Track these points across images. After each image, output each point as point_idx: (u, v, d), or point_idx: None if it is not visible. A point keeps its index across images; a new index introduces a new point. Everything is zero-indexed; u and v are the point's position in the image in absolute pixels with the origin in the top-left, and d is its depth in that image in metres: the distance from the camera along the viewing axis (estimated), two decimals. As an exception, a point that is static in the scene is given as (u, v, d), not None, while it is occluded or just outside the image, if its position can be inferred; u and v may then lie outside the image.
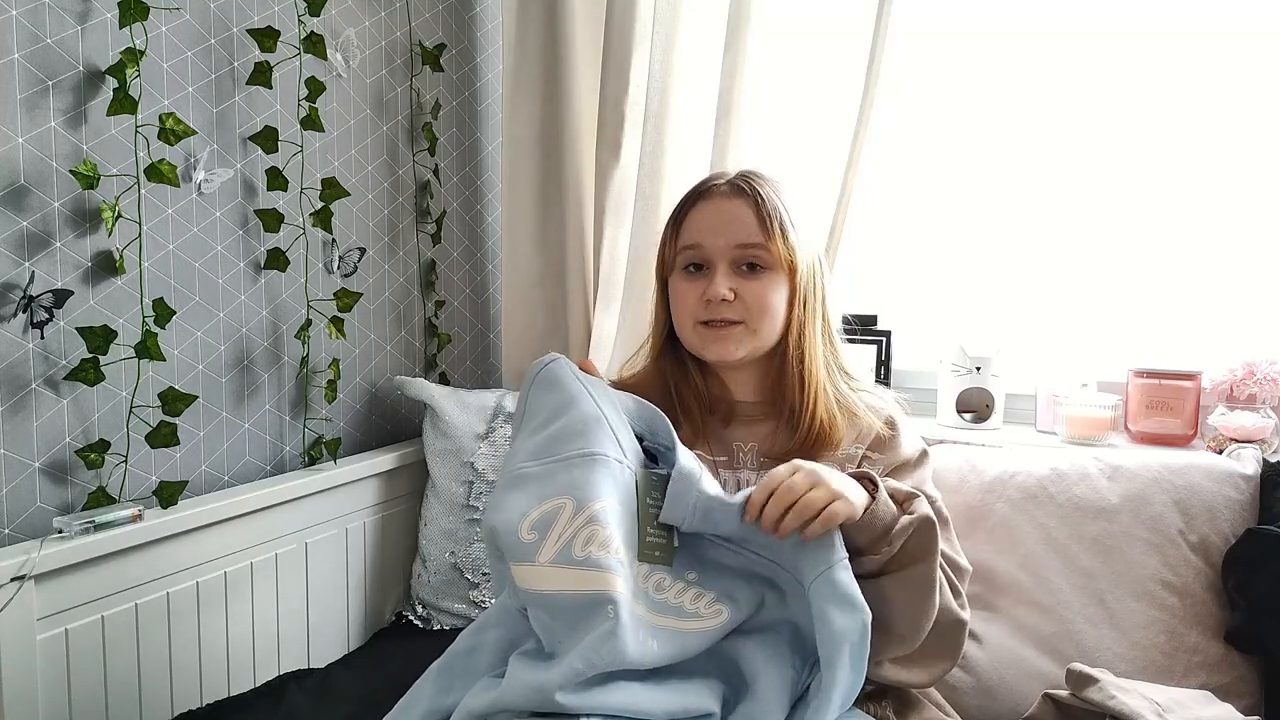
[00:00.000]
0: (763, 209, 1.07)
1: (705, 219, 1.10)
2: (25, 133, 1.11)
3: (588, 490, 0.88)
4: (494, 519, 0.88)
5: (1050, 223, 1.70)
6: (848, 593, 0.86)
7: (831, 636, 0.84)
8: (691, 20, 1.65)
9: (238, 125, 1.39)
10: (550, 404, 0.95)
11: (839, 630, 0.84)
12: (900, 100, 1.65)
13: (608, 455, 0.91)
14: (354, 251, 1.62)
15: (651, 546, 0.91)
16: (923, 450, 1.13)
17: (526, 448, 0.93)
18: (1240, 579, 1.19)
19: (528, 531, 0.86)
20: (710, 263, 1.08)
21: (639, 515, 0.91)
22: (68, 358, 1.17)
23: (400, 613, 1.64)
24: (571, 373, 0.97)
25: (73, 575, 1.10)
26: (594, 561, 0.85)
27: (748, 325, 1.08)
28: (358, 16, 1.62)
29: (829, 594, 0.86)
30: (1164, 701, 1.00)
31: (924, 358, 1.77)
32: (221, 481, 1.40)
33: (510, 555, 0.87)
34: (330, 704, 1.28)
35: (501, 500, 0.89)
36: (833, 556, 0.88)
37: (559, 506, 0.87)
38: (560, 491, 0.88)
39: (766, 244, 1.06)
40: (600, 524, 0.86)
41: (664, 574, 0.91)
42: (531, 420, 0.96)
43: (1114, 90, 1.64)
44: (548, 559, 0.85)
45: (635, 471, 0.93)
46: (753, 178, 1.11)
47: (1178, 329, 1.62)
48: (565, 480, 0.89)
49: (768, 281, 1.08)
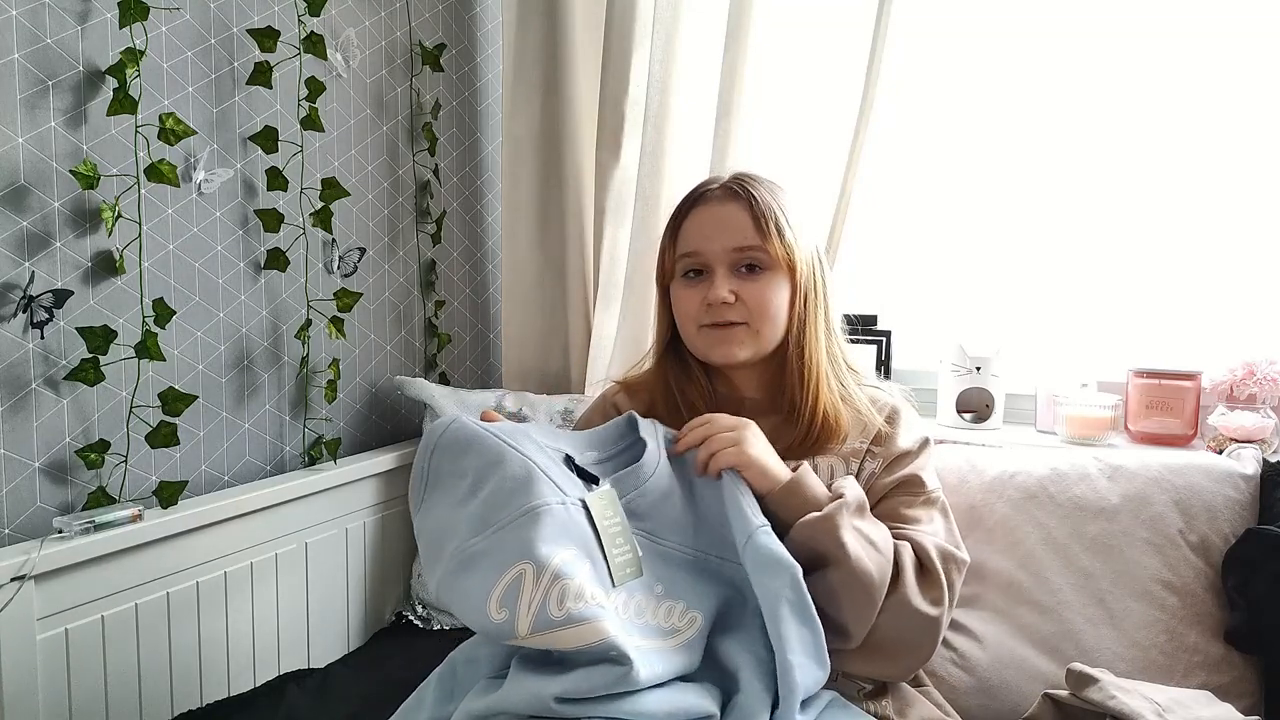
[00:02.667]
0: (757, 209, 1.08)
1: (701, 225, 1.11)
2: (25, 133, 1.11)
3: (541, 548, 0.83)
4: (460, 608, 0.84)
5: (1050, 223, 1.70)
6: (770, 552, 0.90)
7: (766, 597, 0.88)
8: (691, 20, 1.65)
9: (238, 125, 1.39)
10: (471, 467, 0.90)
11: (772, 590, 0.88)
12: (900, 100, 1.65)
13: (549, 503, 0.87)
14: (354, 251, 1.62)
15: (621, 566, 0.90)
16: (924, 440, 1.13)
17: (463, 523, 0.87)
18: (1240, 579, 1.19)
19: (497, 610, 0.82)
20: (709, 267, 1.09)
21: (599, 541, 0.89)
22: (68, 358, 1.17)
23: (400, 613, 1.64)
24: (480, 429, 0.92)
25: (73, 575, 1.10)
26: (576, 616, 0.82)
27: (750, 326, 1.08)
28: (358, 16, 1.62)
29: (754, 560, 0.90)
30: (1164, 701, 1.00)
31: (924, 358, 1.77)
32: (221, 481, 1.40)
33: (490, 637, 0.85)
34: (330, 704, 1.28)
35: (458, 585, 0.84)
36: (750, 525, 0.92)
37: (519, 574, 0.83)
38: (515, 558, 0.83)
39: (763, 245, 1.07)
40: (566, 577, 0.83)
41: (640, 595, 0.90)
42: (454, 489, 0.90)
43: (1114, 90, 1.64)
44: (527, 629, 0.81)
45: (581, 501, 0.91)
46: (746, 180, 1.11)
47: (1178, 329, 1.62)
48: (516, 545, 0.84)
49: (767, 281, 1.08)
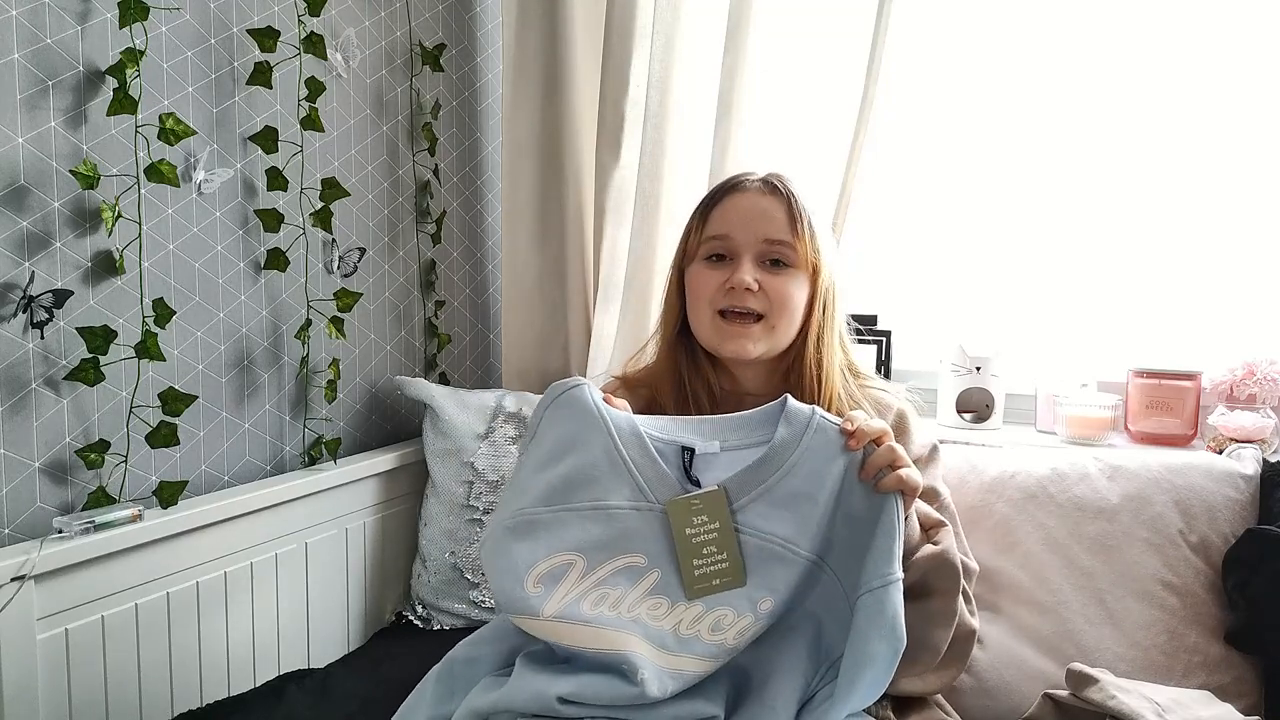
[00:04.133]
0: (794, 208, 1.09)
1: (736, 211, 1.11)
2: (25, 133, 1.11)
3: (599, 551, 0.84)
4: (496, 566, 0.84)
5: (1050, 223, 1.70)
6: (894, 617, 0.81)
7: (863, 657, 0.81)
8: (691, 20, 1.65)
9: (238, 125, 1.39)
10: (564, 436, 0.89)
11: (873, 653, 0.80)
12: (900, 100, 1.65)
13: (621, 507, 0.86)
14: (354, 251, 1.62)
15: (705, 578, 0.85)
16: (932, 446, 1.13)
17: (536, 487, 0.87)
18: (1240, 579, 1.19)
19: (534, 585, 0.83)
20: (736, 254, 1.09)
21: (679, 550, 0.86)
22: (68, 358, 1.17)
23: (400, 613, 1.64)
24: (593, 403, 0.90)
25: (73, 575, 1.10)
26: (604, 621, 0.82)
27: (768, 320, 1.08)
28: (358, 16, 1.62)
29: (876, 612, 0.81)
30: (1164, 701, 1.00)
31: (924, 358, 1.76)
32: (221, 481, 1.40)
33: (511, 608, 0.84)
34: (330, 704, 1.28)
35: (506, 546, 0.85)
36: (890, 571, 0.83)
37: (569, 563, 0.84)
38: (571, 548, 0.84)
39: (794, 242, 1.08)
40: (609, 587, 0.83)
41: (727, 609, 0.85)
42: (540, 446, 0.90)
43: (1114, 90, 1.64)
44: (553, 613, 0.82)
45: (664, 505, 0.87)
46: (785, 179, 1.13)
47: (1178, 329, 1.62)
48: (576, 536, 0.85)
49: (790, 278, 1.09)
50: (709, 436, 0.92)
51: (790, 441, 0.89)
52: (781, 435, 0.89)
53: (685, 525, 0.86)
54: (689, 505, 0.87)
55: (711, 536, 0.86)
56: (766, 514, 0.87)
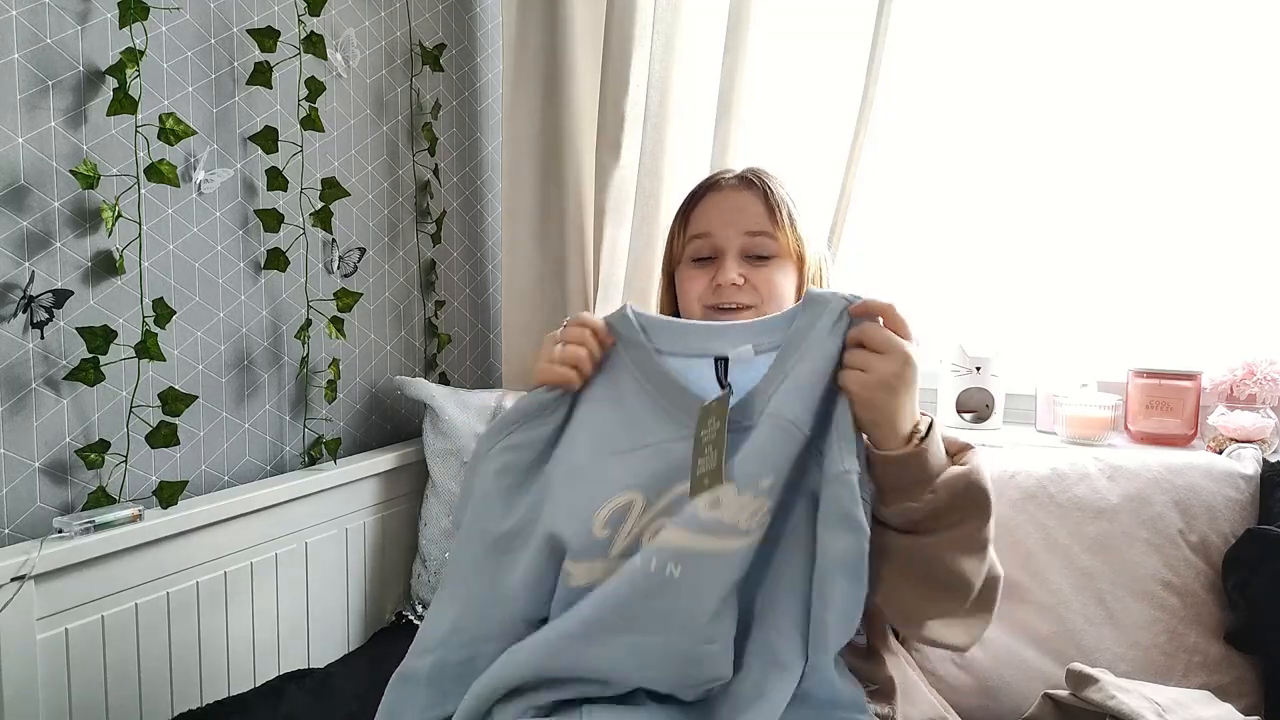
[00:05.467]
0: (771, 199, 1.10)
1: (714, 208, 1.12)
2: (25, 133, 1.11)
3: (655, 485, 0.89)
4: (560, 507, 0.89)
5: (1050, 222, 1.70)
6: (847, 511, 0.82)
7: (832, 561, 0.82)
8: (691, 20, 1.65)
9: (238, 125, 1.39)
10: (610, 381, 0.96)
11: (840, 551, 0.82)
12: (900, 100, 1.65)
13: (667, 440, 0.91)
14: (354, 251, 1.62)
15: (700, 478, 0.86)
16: None
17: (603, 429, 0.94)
18: (1240, 579, 1.19)
19: (601, 528, 0.87)
20: (720, 251, 1.10)
21: (692, 451, 0.89)
22: (68, 358, 1.17)
23: (400, 613, 1.64)
24: (638, 325, 0.97)
25: (73, 575, 1.10)
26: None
27: (757, 310, 1.08)
28: (358, 16, 1.62)
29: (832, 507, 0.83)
30: (1164, 701, 1.00)
31: (924, 358, 1.76)
32: (221, 481, 1.40)
33: (579, 554, 0.87)
34: (330, 704, 1.28)
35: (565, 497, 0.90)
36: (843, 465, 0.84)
37: (629, 503, 0.88)
38: (625, 488, 0.89)
39: (774, 232, 1.08)
40: (665, 516, 0.86)
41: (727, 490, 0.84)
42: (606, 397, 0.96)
43: (1113, 91, 1.63)
44: (618, 551, 0.86)
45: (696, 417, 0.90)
46: (760, 172, 1.14)
47: (1178, 329, 1.62)
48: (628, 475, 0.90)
49: (776, 268, 1.09)
50: (741, 341, 0.94)
51: (804, 328, 0.91)
52: (798, 324, 0.92)
53: (702, 428, 0.89)
54: (708, 410, 0.90)
55: (713, 436, 0.88)
56: (787, 398, 0.88)
